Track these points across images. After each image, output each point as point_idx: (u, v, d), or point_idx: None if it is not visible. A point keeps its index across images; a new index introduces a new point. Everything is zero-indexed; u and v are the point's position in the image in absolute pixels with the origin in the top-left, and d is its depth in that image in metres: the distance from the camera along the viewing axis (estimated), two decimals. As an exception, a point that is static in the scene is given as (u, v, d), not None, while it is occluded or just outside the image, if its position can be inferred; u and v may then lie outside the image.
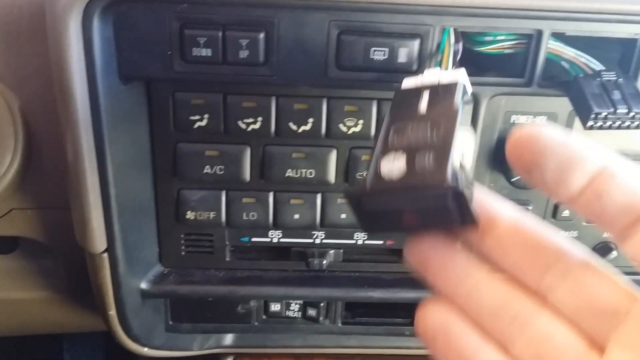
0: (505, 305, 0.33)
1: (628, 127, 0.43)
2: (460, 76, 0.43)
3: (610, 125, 0.43)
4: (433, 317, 0.36)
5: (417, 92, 0.42)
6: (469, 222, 0.34)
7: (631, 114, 0.42)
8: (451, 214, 0.34)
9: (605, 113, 0.43)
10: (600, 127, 0.43)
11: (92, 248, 0.53)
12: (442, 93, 0.41)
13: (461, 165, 0.38)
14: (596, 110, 0.43)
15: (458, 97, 0.41)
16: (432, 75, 0.43)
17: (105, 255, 0.54)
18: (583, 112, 0.45)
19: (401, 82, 0.44)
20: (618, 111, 0.43)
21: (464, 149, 0.42)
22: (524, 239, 0.34)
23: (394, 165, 0.36)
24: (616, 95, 0.44)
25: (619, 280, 0.31)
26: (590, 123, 0.44)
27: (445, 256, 0.36)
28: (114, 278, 0.55)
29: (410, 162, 0.36)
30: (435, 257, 0.36)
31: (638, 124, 0.43)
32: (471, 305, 0.35)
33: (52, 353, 1.32)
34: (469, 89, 0.44)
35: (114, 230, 0.52)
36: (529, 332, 0.32)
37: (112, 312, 0.58)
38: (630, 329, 0.29)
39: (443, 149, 0.36)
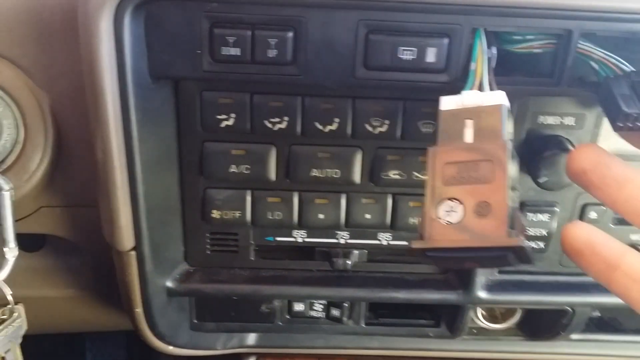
0: None
1: None
2: (501, 99, 0.43)
3: None
4: (578, 234, 0.43)
5: (460, 116, 0.43)
6: (526, 262, 0.40)
7: None
8: (509, 262, 0.39)
9: (635, 114, 0.42)
10: (630, 129, 0.43)
11: (120, 245, 0.53)
12: (486, 120, 0.42)
13: (513, 201, 0.40)
14: (626, 110, 0.43)
15: (504, 127, 0.42)
16: (472, 97, 0.44)
17: (133, 253, 0.54)
18: (612, 113, 0.44)
19: (431, 99, 0.45)
20: None
21: (512, 172, 0.43)
22: None
23: (451, 216, 0.40)
24: None
25: None
26: (619, 124, 0.43)
27: (607, 165, 0.42)
28: (141, 276, 0.56)
29: (468, 213, 0.40)
30: (595, 168, 0.43)
31: None
32: (628, 207, 0.41)
33: (75, 352, 1.33)
34: (509, 108, 0.44)
35: (141, 228, 0.53)
36: None
37: (139, 309, 0.59)
38: None
39: (499, 198, 0.39)
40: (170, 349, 0.65)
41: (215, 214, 0.57)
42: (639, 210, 0.42)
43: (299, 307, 0.66)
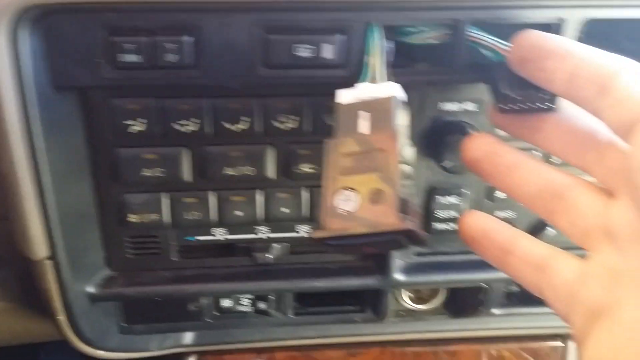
0: (548, 185, 0.42)
1: (540, 109, 0.44)
2: (394, 91, 0.45)
3: (522, 108, 0.44)
4: (473, 222, 0.46)
5: (355, 109, 0.45)
6: (419, 244, 0.43)
7: (539, 95, 0.44)
8: (403, 245, 0.42)
9: (515, 95, 0.44)
10: (512, 110, 0.45)
11: (34, 255, 0.53)
12: (379, 111, 0.44)
13: (406, 187, 0.42)
14: (504, 92, 0.45)
15: (394, 117, 0.44)
16: (366, 90, 0.46)
17: (49, 262, 0.54)
18: (495, 96, 0.46)
19: (334, 93, 0.46)
20: (527, 93, 0.44)
21: (407, 159, 0.45)
22: (563, 128, 0.43)
23: (347, 205, 0.42)
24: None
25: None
26: (501, 105, 0.45)
27: (497, 153, 0.45)
28: (60, 283, 0.56)
29: (362, 201, 0.41)
30: (486, 156, 0.45)
31: (550, 106, 0.44)
32: (520, 192, 0.44)
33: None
34: (404, 99, 0.46)
35: (55, 237, 0.53)
36: (565, 204, 0.41)
37: (61, 317, 0.59)
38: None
39: (391, 186, 0.41)
40: (101, 353, 0.65)
41: (133, 218, 0.58)
42: (529, 194, 0.44)
43: (226, 303, 0.68)
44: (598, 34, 0.50)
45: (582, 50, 0.39)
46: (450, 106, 0.57)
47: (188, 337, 0.72)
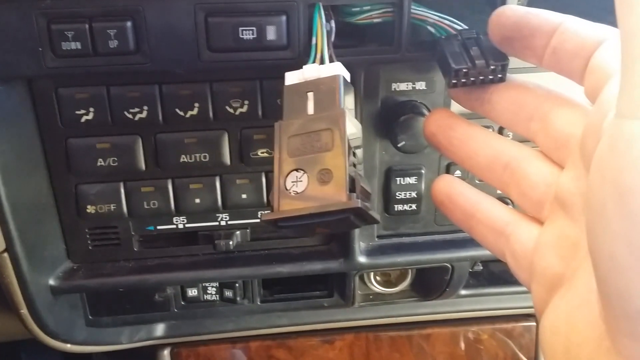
0: (498, 157, 0.43)
1: (492, 81, 0.44)
2: (338, 70, 0.45)
3: (474, 81, 0.45)
4: (440, 186, 0.47)
5: (302, 90, 0.45)
6: (371, 222, 0.43)
7: (491, 67, 0.44)
8: (355, 224, 0.42)
9: (465, 69, 0.45)
10: (465, 84, 0.45)
11: (-10, 248, 0.54)
12: (324, 91, 0.45)
13: (355, 166, 0.42)
14: (455, 67, 0.45)
15: (341, 97, 0.44)
16: (312, 70, 0.46)
17: (6, 254, 0.54)
18: (446, 71, 0.46)
19: (284, 77, 0.46)
20: (477, 66, 0.44)
21: (355, 139, 0.45)
22: (510, 98, 0.43)
23: (297, 186, 0.42)
24: (475, 51, 0.45)
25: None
26: (453, 81, 0.45)
27: (450, 126, 0.46)
28: (19, 277, 0.56)
29: (312, 181, 0.42)
30: (441, 130, 0.46)
31: (500, 77, 0.44)
32: (472, 163, 0.45)
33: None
34: (348, 78, 0.46)
35: (9, 229, 0.53)
36: (516, 175, 0.42)
37: (24, 310, 0.59)
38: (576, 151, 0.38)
39: (338, 164, 0.41)
40: (69, 347, 0.65)
41: (90, 209, 0.58)
42: (480, 165, 0.44)
43: (192, 292, 0.68)
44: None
45: (566, 23, 0.39)
46: (402, 86, 0.57)
47: (159, 329, 0.72)
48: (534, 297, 0.39)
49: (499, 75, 0.44)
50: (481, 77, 0.45)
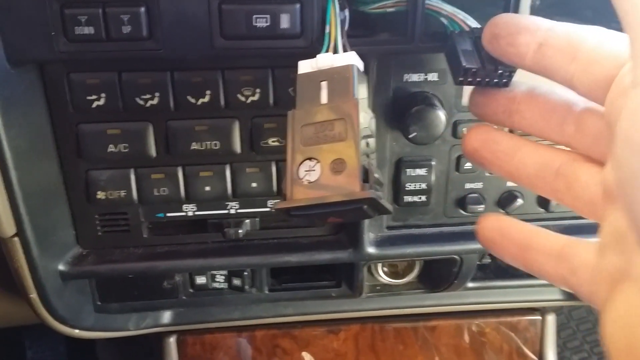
0: (548, 164, 0.42)
1: (497, 85, 0.44)
2: (352, 60, 0.45)
3: (480, 81, 0.45)
4: (487, 225, 0.45)
5: (315, 79, 0.45)
6: (383, 212, 0.42)
7: (499, 72, 0.44)
8: (367, 214, 0.41)
9: (474, 69, 0.44)
10: (470, 83, 0.45)
11: (1, 232, 0.54)
12: (338, 80, 0.44)
13: (368, 156, 0.42)
14: (466, 65, 0.45)
15: (354, 86, 0.44)
16: (326, 59, 0.45)
17: (16, 239, 0.55)
18: (455, 67, 0.46)
19: (296, 65, 0.46)
20: (486, 68, 0.44)
21: (368, 129, 0.45)
22: (538, 105, 0.43)
23: (310, 175, 0.42)
24: (486, 53, 0.45)
25: None
26: (460, 78, 0.45)
27: (495, 140, 0.45)
28: (29, 261, 0.56)
29: (325, 171, 0.41)
30: (485, 145, 0.45)
31: (506, 81, 0.44)
32: (521, 174, 0.44)
33: (14, 351, 1.32)
34: (361, 68, 0.46)
35: (20, 213, 0.53)
36: (568, 179, 0.41)
37: (34, 295, 0.59)
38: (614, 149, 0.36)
39: (352, 155, 0.41)
40: (77, 332, 0.66)
41: (101, 195, 0.58)
42: (530, 175, 0.44)
43: (200, 280, 0.68)
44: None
45: (551, 24, 0.40)
46: (414, 77, 0.56)
47: (166, 316, 0.72)
48: (598, 300, 0.39)
49: (504, 81, 0.44)
50: (487, 80, 0.45)
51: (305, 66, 0.47)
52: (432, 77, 0.56)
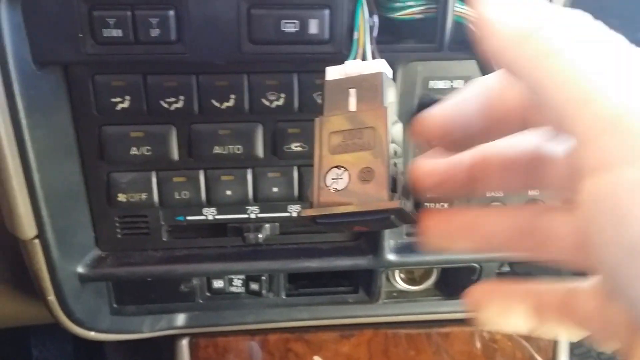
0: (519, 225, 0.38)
1: None
2: (381, 67, 0.44)
3: None
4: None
5: (343, 86, 0.44)
6: (410, 222, 0.41)
7: None
8: (394, 224, 0.40)
9: None
10: None
11: (22, 234, 0.53)
12: (367, 88, 0.44)
13: (396, 165, 0.41)
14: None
15: (383, 94, 0.43)
16: (354, 66, 0.45)
17: (37, 241, 0.54)
18: (487, 73, 0.46)
19: (324, 71, 0.46)
20: None
21: (396, 137, 0.44)
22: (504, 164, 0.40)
23: (338, 183, 0.41)
24: None
25: None
26: None
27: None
28: (49, 263, 0.56)
29: (352, 179, 0.41)
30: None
31: None
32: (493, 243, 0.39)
33: (21, 351, 1.32)
34: (390, 75, 0.45)
35: (42, 215, 0.53)
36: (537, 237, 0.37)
37: (51, 297, 0.59)
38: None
39: (380, 164, 0.40)
40: (92, 334, 0.65)
41: (122, 197, 0.57)
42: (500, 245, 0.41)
43: (218, 284, 0.67)
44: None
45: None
46: (440, 84, 0.56)
47: (180, 319, 0.72)
48: (612, 347, 0.38)
49: None
50: None
51: (333, 72, 0.46)
52: (458, 84, 0.56)
